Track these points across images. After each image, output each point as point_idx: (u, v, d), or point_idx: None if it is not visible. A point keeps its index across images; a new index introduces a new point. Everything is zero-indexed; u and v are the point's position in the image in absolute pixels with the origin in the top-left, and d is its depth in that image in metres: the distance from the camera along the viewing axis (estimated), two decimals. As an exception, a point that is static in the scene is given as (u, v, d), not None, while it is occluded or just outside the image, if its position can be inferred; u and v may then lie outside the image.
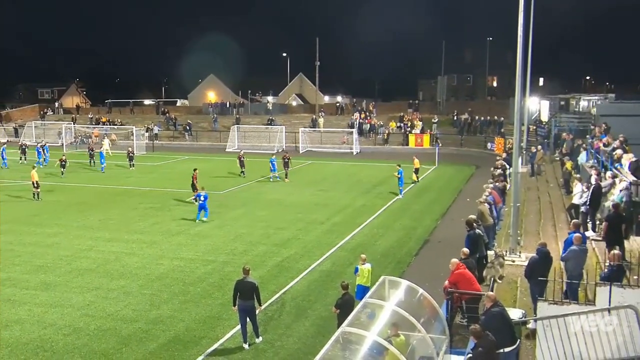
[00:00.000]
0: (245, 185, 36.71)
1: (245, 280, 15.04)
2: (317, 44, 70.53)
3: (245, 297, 14.89)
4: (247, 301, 14.88)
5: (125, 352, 14.71)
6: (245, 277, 15.09)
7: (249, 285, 14.95)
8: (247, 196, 34.47)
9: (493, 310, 11.66)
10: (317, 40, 70.53)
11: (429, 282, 16.23)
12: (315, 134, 63.31)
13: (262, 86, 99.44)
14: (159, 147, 61.84)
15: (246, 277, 15.09)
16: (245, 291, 14.89)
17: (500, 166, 29.96)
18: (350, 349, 10.04)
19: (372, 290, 12.66)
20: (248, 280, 15.05)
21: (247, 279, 15.06)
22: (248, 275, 15.14)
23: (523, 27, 19.01)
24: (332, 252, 23.28)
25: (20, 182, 38.18)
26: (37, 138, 65.10)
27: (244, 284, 14.98)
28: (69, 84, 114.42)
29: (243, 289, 14.93)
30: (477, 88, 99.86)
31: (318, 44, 70.44)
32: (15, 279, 19.96)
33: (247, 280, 15.03)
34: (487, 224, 19.65)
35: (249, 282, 15.02)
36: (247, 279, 15.06)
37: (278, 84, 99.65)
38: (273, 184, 38.65)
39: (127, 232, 26.10)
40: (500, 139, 52.95)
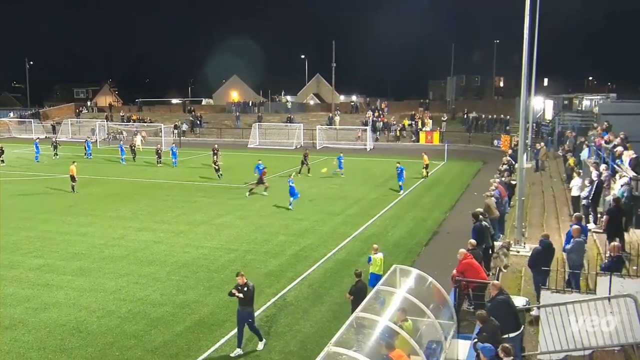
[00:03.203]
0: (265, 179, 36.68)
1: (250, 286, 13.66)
2: (333, 46, 70.48)
3: (243, 304, 13.62)
4: (245, 308, 13.67)
5: (154, 334, 14.83)
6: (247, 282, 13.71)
7: (247, 291, 13.58)
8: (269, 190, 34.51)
9: (498, 298, 11.61)
10: (334, 43, 70.48)
11: (438, 270, 16.15)
12: (331, 131, 63.28)
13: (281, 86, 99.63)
14: (185, 143, 62.15)
15: (247, 281, 13.71)
16: (243, 297, 13.57)
17: (507, 162, 29.73)
18: (363, 333, 10.04)
19: (384, 278, 12.65)
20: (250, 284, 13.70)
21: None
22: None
23: (528, 29, 18.82)
24: (347, 242, 23.27)
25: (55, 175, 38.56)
26: (73, 135, 65.86)
27: (252, 290, 13.65)
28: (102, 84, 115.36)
29: (251, 293, 13.63)
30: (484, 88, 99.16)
31: (334, 46, 70.40)
32: (53, 265, 20.20)
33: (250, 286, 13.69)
34: (493, 216, 19.52)
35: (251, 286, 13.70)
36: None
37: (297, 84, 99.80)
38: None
39: (155, 222, 26.28)
40: (506, 137, 52.55)
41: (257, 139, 63.01)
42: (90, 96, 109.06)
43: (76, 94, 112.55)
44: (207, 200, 31.44)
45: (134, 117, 75.20)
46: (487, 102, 78.28)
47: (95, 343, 14.26)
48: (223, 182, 36.28)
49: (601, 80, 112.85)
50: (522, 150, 20.56)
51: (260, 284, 18.24)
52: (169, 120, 72.89)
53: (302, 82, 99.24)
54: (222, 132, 69.71)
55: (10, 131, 74.19)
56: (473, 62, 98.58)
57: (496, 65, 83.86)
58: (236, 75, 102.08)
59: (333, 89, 79.26)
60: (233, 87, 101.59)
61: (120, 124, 70.87)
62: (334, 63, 71.80)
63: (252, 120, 69.49)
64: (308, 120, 69.56)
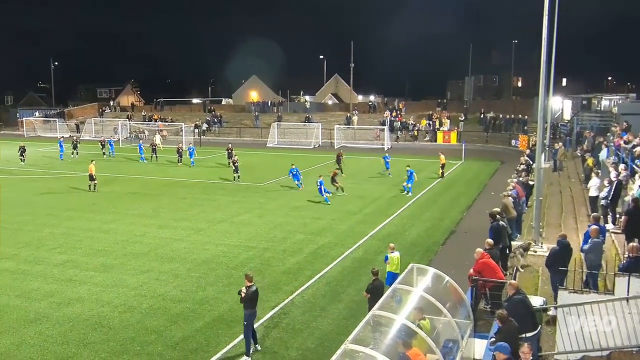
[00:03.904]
0: (284, 178, 36.76)
1: (252, 289, 13.58)
2: (351, 47, 70.34)
3: (253, 305, 13.56)
4: (255, 308, 13.62)
5: (174, 329, 14.94)
6: (251, 285, 13.63)
7: (256, 293, 13.64)
8: (285, 188, 34.60)
9: (515, 298, 11.51)
10: (352, 43, 70.35)
11: (454, 270, 16.06)
12: (349, 131, 63.20)
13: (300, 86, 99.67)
14: (205, 142, 62.50)
15: (252, 284, 13.66)
16: (254, 299, 13.56)
17: (524, 162, 29.46)
18: (380, 331, 10.03)
19: (401, 276, 12.61)
20: (254, 287, 13.65)
21: (253, 286, 13.66)
22: (252, 283, 13.65)
23: (547, 29, 18.62)
24: (364, 240, 23.23)
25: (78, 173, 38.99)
26: (97, 134, 66.56)
27: (253, 293, 13.55)
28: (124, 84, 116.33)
29: (252, 297, 13.52)
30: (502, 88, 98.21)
31: (352, 47, 70.26)
32: (76, 261, 20.44)
33: (255, 289, 13.64)
34: (511, 216, 19.36)
35: (256, 290, 13.67)
36: (254, 287, 13.64)
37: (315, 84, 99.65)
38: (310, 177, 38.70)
39: (176, 220, 26.47)
40: (524, 136, 52.08)
41: (275, 138, 63.16)
42: (113, 96, 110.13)
43: (99, 93, 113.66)
44: (226, 198, 31.60)
45: (155, 117, 75.80)
46: (505, 102, 77.50)
47: (117, 338, 14.42)
48: (243, 180, 36.38)
49: (620, 80, 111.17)
50: (540, 150, 20.36)
51: (278, 282, 18.36)
52: (190, 120, 73.34)
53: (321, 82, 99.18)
54: (241, 131, 69.99)
55: (36, 130, 75.23)
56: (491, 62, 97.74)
57: (514, 65, 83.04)
58: (255, 76, 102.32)
59: (351, 89, 79.13)
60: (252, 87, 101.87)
61: (141, 123, 71.51)
62: (352, 63, 71.70)
63: (271, 119, 69.66)
64: (326, 120, 69.54)
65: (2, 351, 13.69)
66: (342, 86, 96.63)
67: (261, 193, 33.03)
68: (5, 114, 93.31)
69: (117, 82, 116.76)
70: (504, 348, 9.28)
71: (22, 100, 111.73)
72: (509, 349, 9.28)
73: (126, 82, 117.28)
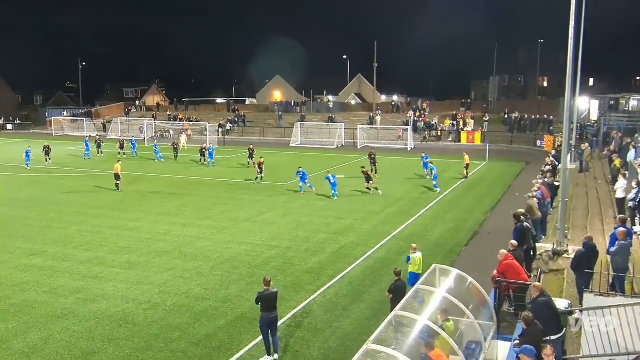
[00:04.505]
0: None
1: (267, 292, 13.51)
2: (375, 46, 70.18)
3: (268, 309, 13.43)
4: (271, 312, 13.45)
5: (197, 327, 15.06)
6: (267, 289, 13.52)
7: (272, 295, 13.57)
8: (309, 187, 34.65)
9: (540, 300, 11.38)
10: (376, 43, 70.18)
11: (478, 271, 15.90)
12: (372, 131, 63.07)
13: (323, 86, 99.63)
14: (229, 141, 62.89)
15: (268, 288, 13.54)
16: (268, 303, 13.47)
17: (550, 162, 29.07)
18: (402, 332, 9.98)
19: (424, 277, 12.54)
20: (270, 291, 13.57)
21: (269, 290, 13.54)
22: (270, 287, 13.58)
23: (574, 29, 18.33)
24: (387, 240, 23.14)
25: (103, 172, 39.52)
26: (123, 133, 67.45)
27: (266, 296, 13.47)
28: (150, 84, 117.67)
29: (266, 300, 13.47)
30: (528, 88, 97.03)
31: (376, 46, 70.10)
32: (102, 258, 20.73)
33: (270, 292, 13.55)
34: (536, 217, 19.12)
35: (272, 292, 13.58)
36: (270, 290, 13.55)
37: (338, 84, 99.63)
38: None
39: (200, 219, 26.67)
40: (549, 137, 51.39)
41: (299, 138, 63.33)
42: (139, 96, 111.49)
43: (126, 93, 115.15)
44: (249, 197, 31.75)
45: (180, 116, 76.54)
46: (530, 102, 76.60)
47: (142, 334, 14.58)
48: (266, 180, 36.48)
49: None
50: (566, 150, 20.07)
51: (300, 281, 18.38)
52: (214, 120, 73.91)
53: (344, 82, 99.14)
54: (264, 131, 70.31)
55: (64, 129, 76.53)
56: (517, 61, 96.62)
57: (540, 65, 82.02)
58: (279, 76, 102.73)
59: (374, 89, 78.95)
60: (276, 87, 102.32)
61: (166, 122, 72.27)
62: (375, 63, 71.53)
63: (294, 119, 69.84)
64: (349, 119, 69.48)
65: (31, 346, 13.95)
66: (365, 86, 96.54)
67: (284, 192, 33.14)
68: (35, 113, 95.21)
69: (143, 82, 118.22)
70: (529, 351, 9.18)
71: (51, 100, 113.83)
72: (535, 352, 9.18)
73: (152, 82, 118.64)
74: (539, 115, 60.32)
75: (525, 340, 9.91)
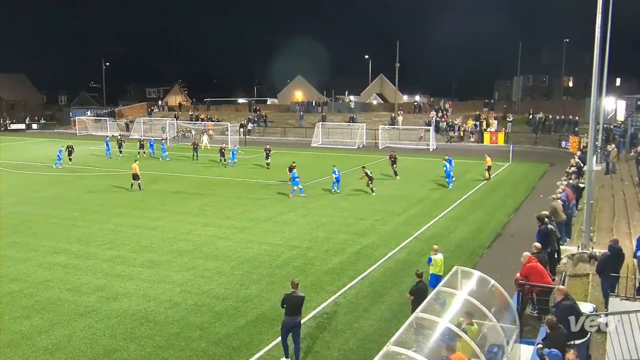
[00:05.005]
0: (327, 178, 36.80)
1: (294, 295, 13.27)
2: (397, 46, 69.97)
3: (292, 313, 13.16)
4: (294, 317, 13.20)
5: (218, 326, 15.15)
6: (294, 292, 13.30)
7: (298, 299, 13.29)
8: (329, 188, 34.63)
9: (564, 303, 11.23)
10: (398, 43, 69.94)
11: (500, 273, 15.76)
12: (393, 131, 62.87)
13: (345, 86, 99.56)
14: (250, 141, 63.16)
15: (295, 291, 13.31)
16: (293, 306, 13.19)
17: (575, 164, 28.68)
18: (423, 334, 9.94)
19: (445, 279, 12.46)
20: (297, 294, 13.33)
21: (296, 293, 13.31)
22: (297, 290, 13.37)
23: (600, 28, 18.05)
24: (408, 242, 23.03)
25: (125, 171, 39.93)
26: (145, 133, 68.16)
27: (292, 298, 13.22)
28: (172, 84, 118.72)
29: (291, 303, 13.18)
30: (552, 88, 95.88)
31: (398, 46, 69.87)
32: (124, 257, 20.97)
33: (297, 295, 13.31)
34: (560, 219, 18.87)
35: (298, 296, 13.32)
36: (296, 293, 13.31)
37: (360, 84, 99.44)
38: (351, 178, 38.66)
39: (221, 219, 26.83)
40: (574, 138, 50.73)
41: (320, 138, 63.36)
42: (162, 96, 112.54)
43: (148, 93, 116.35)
44: (270, 197, 31.85)
45: (202, 116, 77.10)
46: (555, 103, 75.69)
47: (163, 333, 14.72)
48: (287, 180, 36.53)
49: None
50: (591, 152, 19.78)
51: (320, 282, 18.39)
52: (236, 120, 74.32)
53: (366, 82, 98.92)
54: (286, 131, 70.51)
55: (88, 129, 77.60)
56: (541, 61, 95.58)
57: (565, 65, 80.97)
58: (300, 76, 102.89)
59: (396, 89, 78.69)
60: (297, 87, 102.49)
61: (188, 122, 72.85)
62: (397, 63, 71.33)
63: (315, 119, 69.90)
64: (370, 120, 69.34)
65: (54, 342, 14.16)
66: (387, 86, 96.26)
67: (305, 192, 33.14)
68: (59, 113, 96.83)
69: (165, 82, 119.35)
70: (555, 355, 9.08)
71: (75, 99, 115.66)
72: (560, 356, 9.07)
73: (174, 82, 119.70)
74: (563, 116, 59.57)
75: (548, 344, 9.80)
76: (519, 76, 74.51)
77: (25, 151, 56.66)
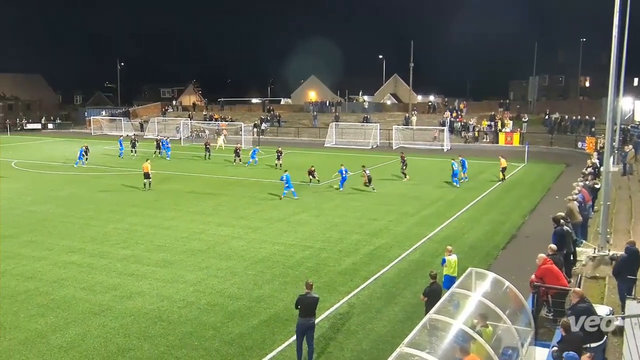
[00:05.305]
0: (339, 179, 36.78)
1: (308, 296, 13.20)
2: (411, 46, 69.74)
3: (306, 314, 13.08)
4: (309, 318, 13.10)
5: (231, 326, 15.20)
6: (308, 292, 13.25)
7: (312, 300, 13.23)
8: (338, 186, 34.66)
9: (580, 306, 11.13)
10: (412, 42, 69.72)
11: (515, 275, 15.66)
12: (407, 131, 62.72)
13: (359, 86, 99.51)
14: (264, 141, 63.30)
15: (309, 292, 13.27)
16: (307, 307, 13.12)
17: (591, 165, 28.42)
18: (436, 335, 9.90)
19: (459, 280, 12.40)
20: (312, 295, 13.28)
21: (310, 294, 13.26)
22: (311, 291, 13.34)
23: (618, 27, 17.87)
24: (422, 243, 22.96)
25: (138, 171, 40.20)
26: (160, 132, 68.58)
27: (307, 300, 13.14)
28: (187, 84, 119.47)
29: (305, 304, 13.11)
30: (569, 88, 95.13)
31: (412, 46, 69.64)
32: (138, 256, 21.11)
33: (311, 296, 13.25)
34: (576, 221, 18.72)
35: (312, 297, 13.26)
36: (311, 294, 13.26)
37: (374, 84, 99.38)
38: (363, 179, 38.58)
39: (234, 218, 26.91)
40: (591, 139, 50.27)
41: (333, 138, 63.35)
42: (176, 96, 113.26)
43: (162, 93, 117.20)
44: (284, 197, 31.87)
45: (216, 116, 77.43)
46: (572, 103, 75.04)
47: (176, 332, 14.79)
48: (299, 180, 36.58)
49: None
50: (608, 152, 19.59)
51: (333, 282, 18.39)
52: (249, 120, 74.55)
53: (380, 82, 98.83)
54: (299, 131, 70.58)
55: (102, 128, 78.26)
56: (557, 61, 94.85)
57: (582, 65, 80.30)
58: (314, 76, 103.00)
59: (410, 89, 78.43)
60: (311, 87, 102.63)
61: (202, 122, 73.19)
62: (411, 63, 71.06)
63: (329, 119, 69.92)
64: (384, 120, 69.22)
65: (69, 341, 14.29)
66: (401, 86, 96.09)
67: (318, 193, 33.21)
68: (75, 112, 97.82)
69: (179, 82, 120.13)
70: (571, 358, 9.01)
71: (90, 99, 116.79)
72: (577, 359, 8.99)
73: (188, 82, 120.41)
74: (580, 116, 59.05)
75: (564, 347, 9.72)
76: (535, 76, 73.92)
77: (40, 151, 57.25)
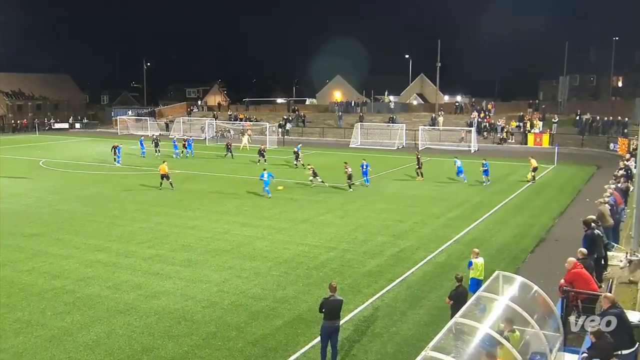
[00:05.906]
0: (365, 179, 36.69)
1: (332, 299, 13.13)
2: (438, 45, 69.30)
3: (331, 317, 13.03)
4: (334, 321, 13.06)
5: (254, 327, 15.26)
6: (332, 295, 13.15)
7: (337, 303, 13.20)
8: (368, 189, 34.55)
9: (611, 312, 10.91)
10: (439, 42, 69.27)
11: (544, 279, 15.44)
12: (434, 132, 62.29)
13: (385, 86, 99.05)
14: (288, 141, 63.46)
15: (333, 295, 13.17)
16: (332, 310, 13.08)
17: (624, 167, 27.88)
18: (462, 339, 9.79)
19: (486, 284, 12.25)
20: (336, 298, 13.22)
21: (334, 296, 13.18)
22: (335, 293, 13.24)
23: (653, 25, 17.50)
24: (448, 245, 22.77)
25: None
26: (185, 132, 69.26)
27: (331, 302, 13.09)
28: (212, 84, 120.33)
29: (330, 307, 13.06)
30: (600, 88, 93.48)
31: (439, 45, 69.18)
32: (163, 256, 21.34)
33: (335, 299, 13.19)
34: (607, 224, 18.38)
35: (337, 300, 13.22)
36: (335, 297, 13.19)
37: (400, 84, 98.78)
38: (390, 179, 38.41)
39: (258, 219, 27.03)
40: (623, 140, 49.31)
41: (358, 138, 63.22)
42: (201, 96, 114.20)
43: (188, 93, 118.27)
44: (308, 198, 31.95)
45: (241, 116, 77.90)
46: (603, 103, 73.75)
47: (200, 332, 14.91)
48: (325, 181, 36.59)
49: None
50: (641, 154, 19.20)
51: (358, 284, 18.35)
52: (274, 120, 74.83)
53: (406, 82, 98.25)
54: (324, 131, 70.61)
55: (129, 128, 79.33)
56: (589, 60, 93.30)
57: (615, 64, 78.83)
58: (339, 76, 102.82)
59: (437, 89, 77.93)
60: (336, 87, 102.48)
61: (226, 122, 73.70)
62: (438, 62, 70.61)
63: (354, 120, 69.80)
64: (410, 120, 68.85)
65: (94, 339, 14.51)
66: (427, 86, 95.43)
67: (342, 193, 33.18)
68: (101, 112, 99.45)
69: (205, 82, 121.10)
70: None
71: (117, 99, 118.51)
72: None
73: (213, 82, 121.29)
74: (612, 117, 57.93)
75: (594, 354, 9.54)
76: (565, 76, 72.82)
77: (68, 150, 58.29)
